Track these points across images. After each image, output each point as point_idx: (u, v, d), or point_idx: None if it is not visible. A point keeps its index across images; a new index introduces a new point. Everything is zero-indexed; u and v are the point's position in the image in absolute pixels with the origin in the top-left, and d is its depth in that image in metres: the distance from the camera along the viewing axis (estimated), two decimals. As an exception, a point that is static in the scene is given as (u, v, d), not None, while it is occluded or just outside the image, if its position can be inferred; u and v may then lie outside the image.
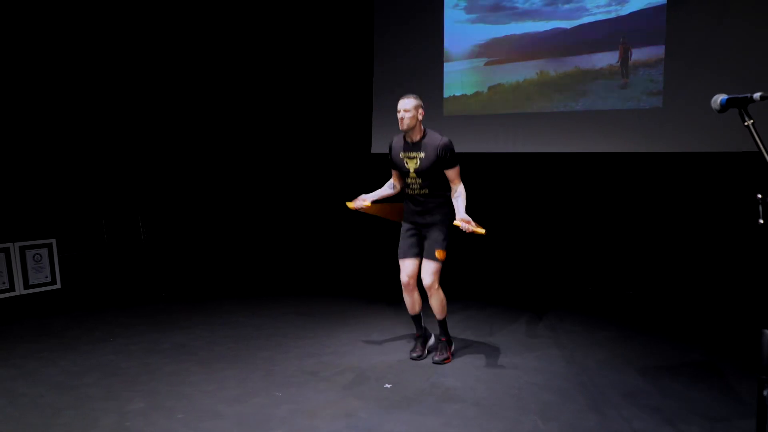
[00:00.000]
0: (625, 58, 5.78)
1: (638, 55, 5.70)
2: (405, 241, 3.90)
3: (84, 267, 6.27)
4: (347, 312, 5.12)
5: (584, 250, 6.15)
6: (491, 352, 4.11)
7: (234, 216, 7.52)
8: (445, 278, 3.84)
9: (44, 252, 5.88)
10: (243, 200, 7.55)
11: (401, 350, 4.12)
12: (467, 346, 4.22)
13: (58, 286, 5.93)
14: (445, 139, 3.72)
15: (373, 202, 3.97)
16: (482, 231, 3.58)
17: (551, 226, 6.32)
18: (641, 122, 5.70)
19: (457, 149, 6.59)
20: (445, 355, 3.90)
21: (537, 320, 4.89)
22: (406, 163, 3.78)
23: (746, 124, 2.04)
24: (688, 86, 5.45)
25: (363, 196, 3.98)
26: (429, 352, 4.04)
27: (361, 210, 3.94)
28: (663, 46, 5.56)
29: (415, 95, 3.76)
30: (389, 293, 5.24)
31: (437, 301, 3.82)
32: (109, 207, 6.58)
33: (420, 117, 3.73)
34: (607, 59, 5.85)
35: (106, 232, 6.55)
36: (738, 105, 2.09)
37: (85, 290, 5.87)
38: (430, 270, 3.75)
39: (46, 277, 5.87)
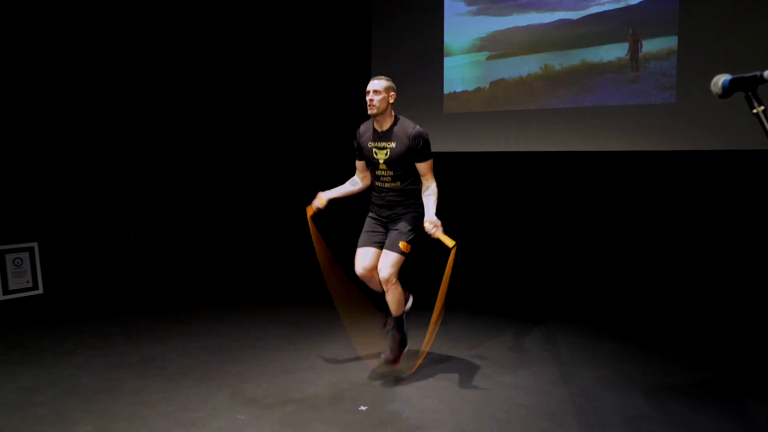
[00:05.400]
0: (634, 51, 5.42)
1: (649, 47, 5.35)
2: (367, 230, 3.61)
3: (70, 272, 6.05)
4: (334, 321, 4.78)
5: (592, 255, 5.79)
6: (482, 368, 3.78)
7: (229, 219, 7.26)
8: (432, 283, 3.53)
9: (25, 256, 5.66)
10: (237, 202, 7.29)
11: (385, 366, 3.81)
12: (455, 361, 3.90)
13: (41, 291, 5.72)
14: (418, 128, 3.42)
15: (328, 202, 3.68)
16: (451, 243, 3.24)
17: (558, 229, 5.97)
18: (653, 118, 5.35)
19: (458, 148, 6.36)
20: (394, 355, 3.58)
21: (537, 332, 4.55)
22: (375, 153, 3.47)
23: (755, 111, 1.66)
24: (703, 80, 5.02)
25: (321, 194, 3.67)
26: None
27: (311, 214, 3.64)
28: (675, 38, 5.21)
29: (386, 77, 3.46)
30: (382, 301, 4.92)
31: (394, 296, 3.50)
32: (97, 208, 6.35)
33: (391, 100, 3.42)
34: (616, 52, 5.49)
35: (93, 234, 6.32)
36: (744, 87, 1.69)
37: (68, 296, 5.65)
38: (390, 262, 3.41)
39: (27, 282, 5.65)
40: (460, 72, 6.31)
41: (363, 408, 3.16)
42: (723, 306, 5.02)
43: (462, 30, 6.25)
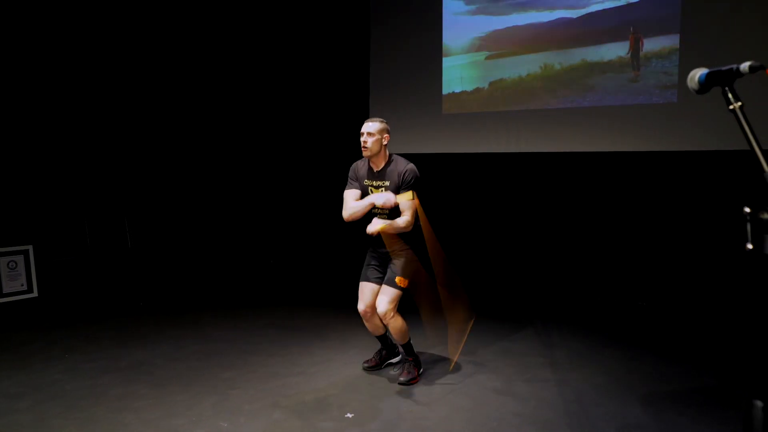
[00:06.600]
0: (636, 49, 5.31)
1: (650, 45, 5.23)
2: (368, 263, 3.65)
3: (65, 274, 5.99)
4: (329, 325, 4.74)
5: (592, 257, 5.68)
6: (475, 374, 3.69)
7: (226, 221, 7.20)
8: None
9: (20, 259, 5.62)
10: (235, 204, 7.23)
11: (375, 371, 3.74)
12: (447, 367, 3.80)
13: (35, 294, 5.67)
14: (411, 165, 3.44)
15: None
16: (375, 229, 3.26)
17: (557, 231, 5.86)
18: (654, 118, 5.23)
19: (457, 149, 6.26)
20: (411, 375, 3.55)
21: (533, 336, 4.46)
22: (371, 192, 3.49)
23: (731, 107, 1.55)
24: (706, 78, 4.95)
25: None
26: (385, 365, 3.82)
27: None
28: (678, 35, 5.09)
29: (381, 119, 3.48)
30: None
31: (395, 327, 3.49)
32: (93, 209, 6.30)
33: (385, 142, 3.44)
34: (617, 50, 5.38)
35: (90, 236, 6.27)
36: (721, 81, 1.57)
37: (63, 299, 5.60)
38: (387, 298, 3.42)
39: (22, 285, 5.61)
40: (459, 72, 6.21)
41: (349, 415, 3.08)
42: (726, 311, 4.89)
43: (461, 29, 6.16)
